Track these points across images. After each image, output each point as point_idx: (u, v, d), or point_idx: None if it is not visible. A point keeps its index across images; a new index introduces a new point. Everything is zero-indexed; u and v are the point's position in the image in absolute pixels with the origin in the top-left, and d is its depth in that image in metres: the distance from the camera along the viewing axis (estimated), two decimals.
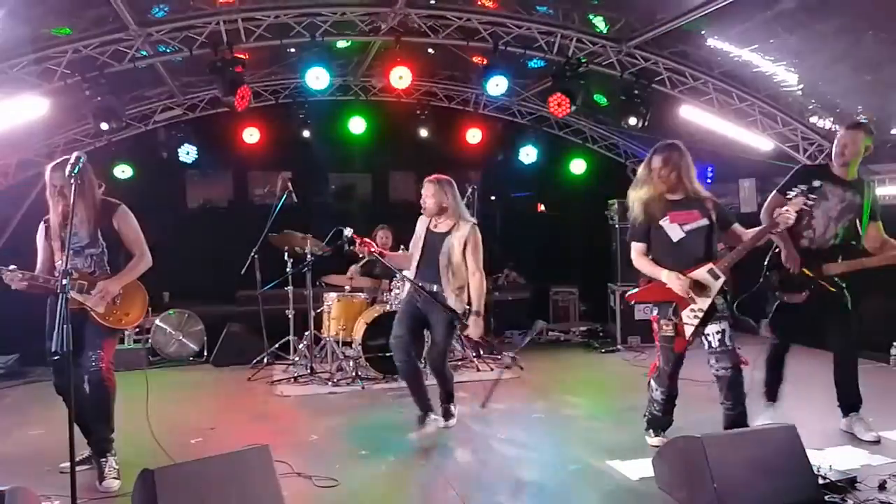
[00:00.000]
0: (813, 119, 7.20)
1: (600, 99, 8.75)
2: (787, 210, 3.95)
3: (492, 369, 7.02)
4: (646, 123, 7.28)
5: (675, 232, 4.10)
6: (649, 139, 9.22)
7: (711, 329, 4.04)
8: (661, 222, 4.13)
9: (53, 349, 2.89)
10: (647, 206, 4.17)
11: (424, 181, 5.03)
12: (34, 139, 7.50)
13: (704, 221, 4.11)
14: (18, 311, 4.89)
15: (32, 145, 7.62)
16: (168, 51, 6.57)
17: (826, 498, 3.25)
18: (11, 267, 3.86)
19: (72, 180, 3.30)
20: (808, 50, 6.09)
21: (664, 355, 4.21)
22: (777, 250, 4.63)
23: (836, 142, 4.52)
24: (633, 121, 7.27)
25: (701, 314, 4.00)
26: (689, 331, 4.03)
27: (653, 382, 4.42)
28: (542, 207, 10.84)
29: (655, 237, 4.16)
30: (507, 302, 9.40)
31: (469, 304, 4.83)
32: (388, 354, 6.44)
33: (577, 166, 10.06)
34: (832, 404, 5.23)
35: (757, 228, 4.16)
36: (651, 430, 4.51)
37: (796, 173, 4.66)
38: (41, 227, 4.10)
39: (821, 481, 3.36)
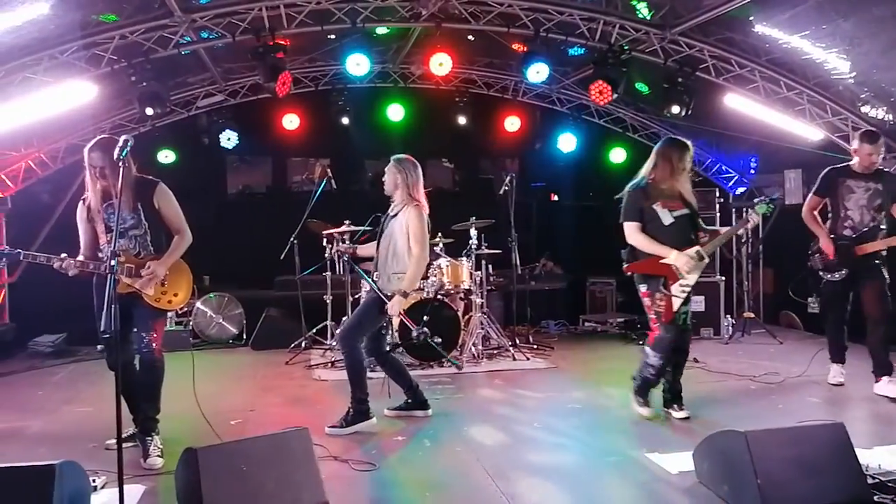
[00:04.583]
0: (865, 108, 6.96)
1: (642, 87, 8.60)
2: (752, 220, 4.83)
3: (527, 358, 7.00)
4: (689, 112, 7.13)
5: (665, 216, 4.64)
6: (691, 128, 9.08)
7: (681, 309, 4.64)
8: (654, 206, 4.65)
9: (102, 328, 2.95)
10: (648, 190, 4.71)
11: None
12: (82, 124, 7.67)
13: (686, 210, 4.72)
14: (65, 292, 5.02)
15: (80, 130, 7.80)
16: (211, 37, 6.64)
17: (875, 498, 3.16)
18: (63, 255, 3.94)
19: (119, 163, 3.33)
20: (862, 36, 5.88)
21: (663, 325, 4.62)
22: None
23: (860, 152, 5.33)
24: (675, 109, 7.13)
25: (688, 289, 4.58)
26: (676, 303, 4.56)
27: (649, 349, 4.72)
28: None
29: (648, 219, 4.66)
30: (544, 292, 9.34)
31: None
32: (425, 341, 6.48)
33: (617, 155, 9.92)
34: (883, 402, 5.11)
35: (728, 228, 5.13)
36: (639, 397, 4.83)
37: (825, 175, 5.55)
38: (81, 206, 4.17)
39: (870, 481, 3.26)
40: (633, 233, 4.69)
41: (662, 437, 4.42)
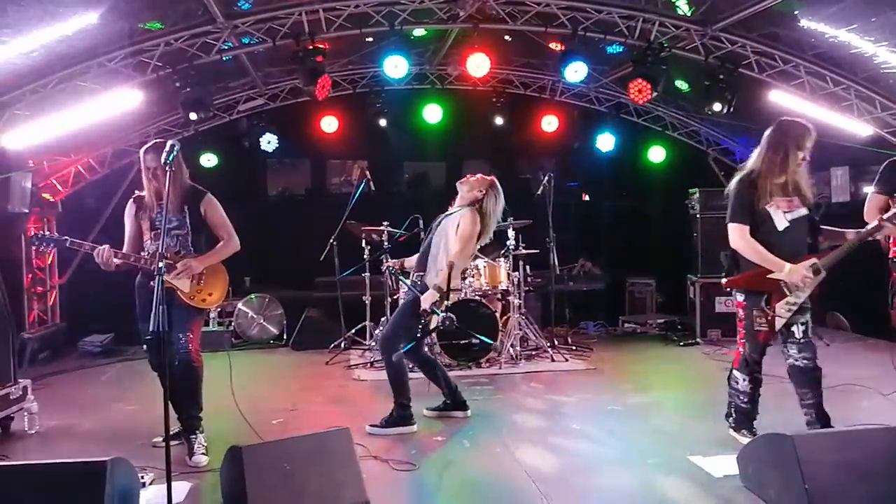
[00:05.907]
0: None
1: (682, 84, 8.47)
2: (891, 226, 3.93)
3: (566, 359, 6.95)
4: (731, 109, 6.99)
5: (779, 219, 3.95)
6: (732, 126, 8.90)
7: (797, 319, 3.97)
8: (767, 206, 3.95)
9: (151, 328, 3.02)
10: (759, 185, 3.95)
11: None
12: (128, 129, 7.88)
13: (804, 210, 4.00)
14: (112, 293, 5.16)
15: (126, 135, 8.01)
16: (252, 42, 6.76)
17: None
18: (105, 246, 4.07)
19: (166, 167, 3.43)
20: None
21: (752, 343, 4.10)
22: None
23: None
24: (717, 107, 7.00)
25: (795, 308, 3.93)
26: (779, 323, 3.94)
27: (736, 373, 4.23)
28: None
29: (759, 221, 3.97)
30: (582, 293, 9.27)
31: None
32: (462, 342, 6.50)
33: (656, 154, 9.79)
34: None
35: (861, 230, 4.02)
36: (743, 430, 4.23)
37: (886, 168, 4.65)
38: (130, 204, 4.32)
39: None
40: (739, 236, 3.98)
41: (706, 439, 4.34)
